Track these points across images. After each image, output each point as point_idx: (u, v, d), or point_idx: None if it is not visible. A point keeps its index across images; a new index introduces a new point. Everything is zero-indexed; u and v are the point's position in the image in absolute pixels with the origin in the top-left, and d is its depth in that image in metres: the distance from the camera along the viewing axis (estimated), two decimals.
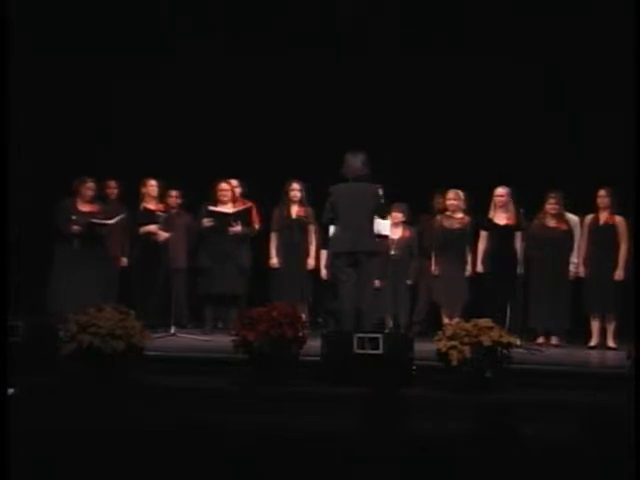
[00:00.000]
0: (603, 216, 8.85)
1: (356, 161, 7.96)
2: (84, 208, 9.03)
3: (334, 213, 7.98)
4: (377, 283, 8.94)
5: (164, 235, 9.06)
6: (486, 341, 6.49)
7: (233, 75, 10.26)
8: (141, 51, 10.15)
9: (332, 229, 8.24)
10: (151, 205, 9.29)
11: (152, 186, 9.29)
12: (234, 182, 9.43)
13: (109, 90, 10.19)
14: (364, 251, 7.86)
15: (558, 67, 9.79)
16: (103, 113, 10.21)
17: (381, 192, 8.25)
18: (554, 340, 8.93)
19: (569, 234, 8.99)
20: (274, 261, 9.30)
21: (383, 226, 8.43)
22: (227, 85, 10.26)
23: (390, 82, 10.08)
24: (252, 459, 4.30)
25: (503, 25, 9.85)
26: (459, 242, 9.16)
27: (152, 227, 9.10)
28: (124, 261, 9.45)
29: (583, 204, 9.05)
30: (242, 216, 9.19)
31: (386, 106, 10.06)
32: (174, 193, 9.63)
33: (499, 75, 9.87)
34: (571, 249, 8.97)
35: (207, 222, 9.15)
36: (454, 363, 6.48)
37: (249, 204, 9.36)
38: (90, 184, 9.03)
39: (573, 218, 9.08)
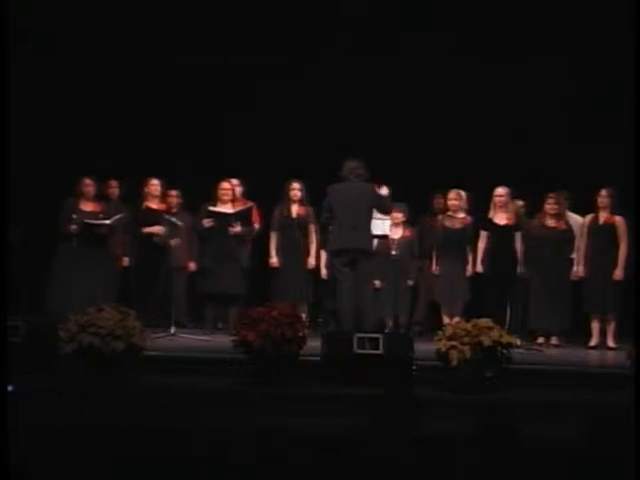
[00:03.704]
0: (603, 216, 8.85)
1: (352, 162, 7.99)
2: (86, 207, 9.03)
3: (331, 212, 8.01)
4: (377, 283, 8.95)
5: (177, 241, 9.05)
6: (486, 341, 6.49)
7: (234, 75, 10.26)
8: (141, 50, 10.15)
9: (332, 228, 8.26)
10: (153, 204, 9.28)
11: (154, 185, 9.27)
12: (234, 181, 9.43)
13: (109, 90, 10.19)
14: (358, 249, 7.88)
15: (558, 67, 9.79)
16: (104, 113, 10.20)
17: (385, 191, 8.28)
18: (554, 340, 8.93)
19: (569, 234, 9.00)
20: (274, 260, 9.29)
21: (383, 226, 8.45)
22: (228, 85, 10.27)
23: (390, 82, 10.09)
24: (252, 459, 4.30)
25: (503, 26, 9.85)
26: (460, 242, 9.16)
27: (156, 228, 9.07)
28: (126, 261, 9.44)
29: (583, 204, 9.06)
30: (242, 216, 9.19)
31: (386, 106, 10.06)
32: (174, 193, 9.62)
33: (499, 75, 9.88)
34: (572, 249, 8.98)
35: (207, 222, 9.14)
36: (454, 363, 6.48)
37: (250, 204, 9.36)
38: (88, 182, 9.03)
39: (577, 218, 9.09)
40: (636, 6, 8.46)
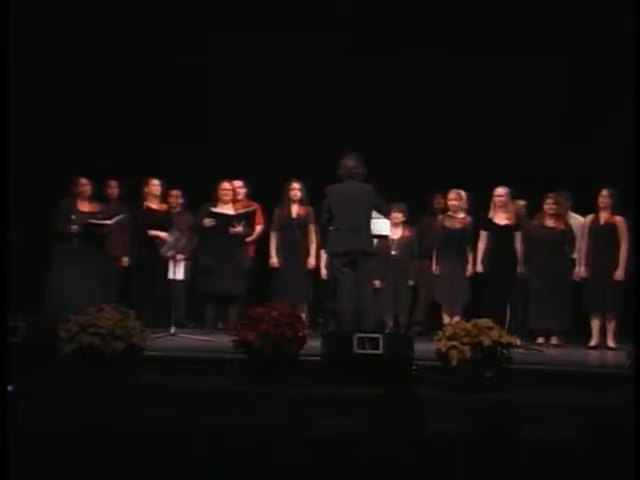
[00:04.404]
0: (604, 216, 8.85)
1: (350, 161, 7.98)
2: (84, 208, 9.04)
3: (331, 214, 8.00)
4: (377, 283, 8.94)
5: (180, 257, 9.04)
6: (486, 341, 6.49)
7: (234, 75, 10.27)
8: (141, 50, 10.14)
9: (331, 229, 8.26)
10: (154, 204, 9.28)
11: (155, 185, 9.26)
12: (238, 183, 9.43)
13: (109, 89, 10.19)
14: (359, 251, 7.88)
15: (558, 67, 9.79)
16: (104, 112, 10.20)
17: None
18: (554, 340, 8.93)
19: (568, 234, 9.00)
20: (274, 260, 9.29)
21: (383, 226, 8.44)
22: (228, 85, 10.27)
23: (390, 82, 10.09)
24: (252, 459, 4.30)
25: (503, 25, 9.85)
26: (460, 242, 9.16)
27: (163, 234, 9.01)
28: (125, 261, 9.45)
29: (584, 204, 9.07)
30: (244, 218, 9.21)
31: (386, 106, 10.06)
32: (175, 193, 9.63)
33: (499, 75, 9.88)
34: (572, 249, 8.98)
35: (208, 222, 9.15)
36: (454, 363, 6.48)
37: (253, 206, 9.36)
38: (84, 182, 9.03)
39: (579, 219, 9.10)
40: (636, 6, 8.47)
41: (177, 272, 9.05)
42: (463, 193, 9.25)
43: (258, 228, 9.42)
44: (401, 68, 10.06)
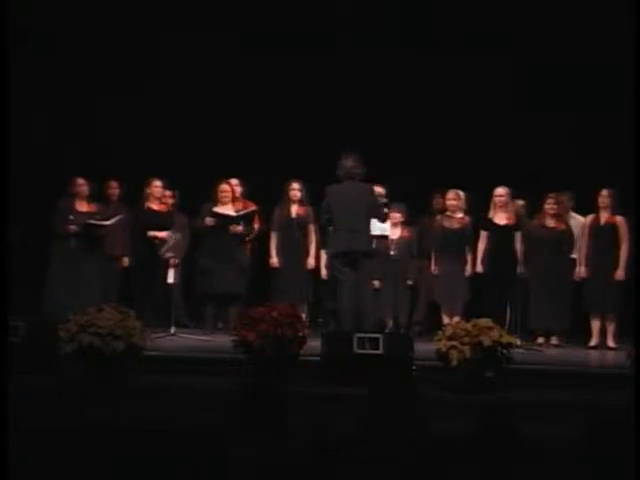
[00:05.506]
0: (604, 216, 8.85)
1: (349, 161, 7.98)
2: (82, 208, 9.04)
3: (330, 214, 8.00)
4: (377, 283, 8.94)
5: (174, 261, 9.01)
6: (486, 341, 6.49)
7: (234, 75, 10.27)
8: (141, 50, 10.14)
9: (331, 229, 8.26)
10: (154, 205, 9.28)
11: (157, 187, 9.26)
12: (234, 181, 9.44)
13: (109, 89, 10.19)
14: (359, 251, 7.88)
15: (559, 67, 9.79)
16: (104, 113, 10.20)
17: (382, 191, 8.29)
18: (554, 340, 8.93)
19: (568, 234, 9.01)
20: (274, 261, 9.30)
21: (382, 226, 8.45)
22: (228, 85, 10.27)
23: (390, 82, 10.09)
24: (252, 459, 4.30)
25: (502, 25, 9.85)
26: (459, 242, 9.16)
27: (163, 234, 9.01)
28: (125, 261, 9.45)
29: (585, 204, 9.07)
30: (245, 218, 9.22)
31: (386, 106, 10.06)
32: (168, 194, 9.61)
33: (499, 75, 9.88)
34: (572, 249, 8.98)
35: (210, 221, 9.15)
36: (454, 363, 6.48)
37: (252, 206, 9.36)
38: (81, 182, 9.03)
39: (580, 219, 9.10)
40: (636, 6, 8.47)
41: (170, 275, 9.03)
42: (461, 193, 9.24)
43: (255, 228, 9.43)
44: (401, 68, 10.05)
